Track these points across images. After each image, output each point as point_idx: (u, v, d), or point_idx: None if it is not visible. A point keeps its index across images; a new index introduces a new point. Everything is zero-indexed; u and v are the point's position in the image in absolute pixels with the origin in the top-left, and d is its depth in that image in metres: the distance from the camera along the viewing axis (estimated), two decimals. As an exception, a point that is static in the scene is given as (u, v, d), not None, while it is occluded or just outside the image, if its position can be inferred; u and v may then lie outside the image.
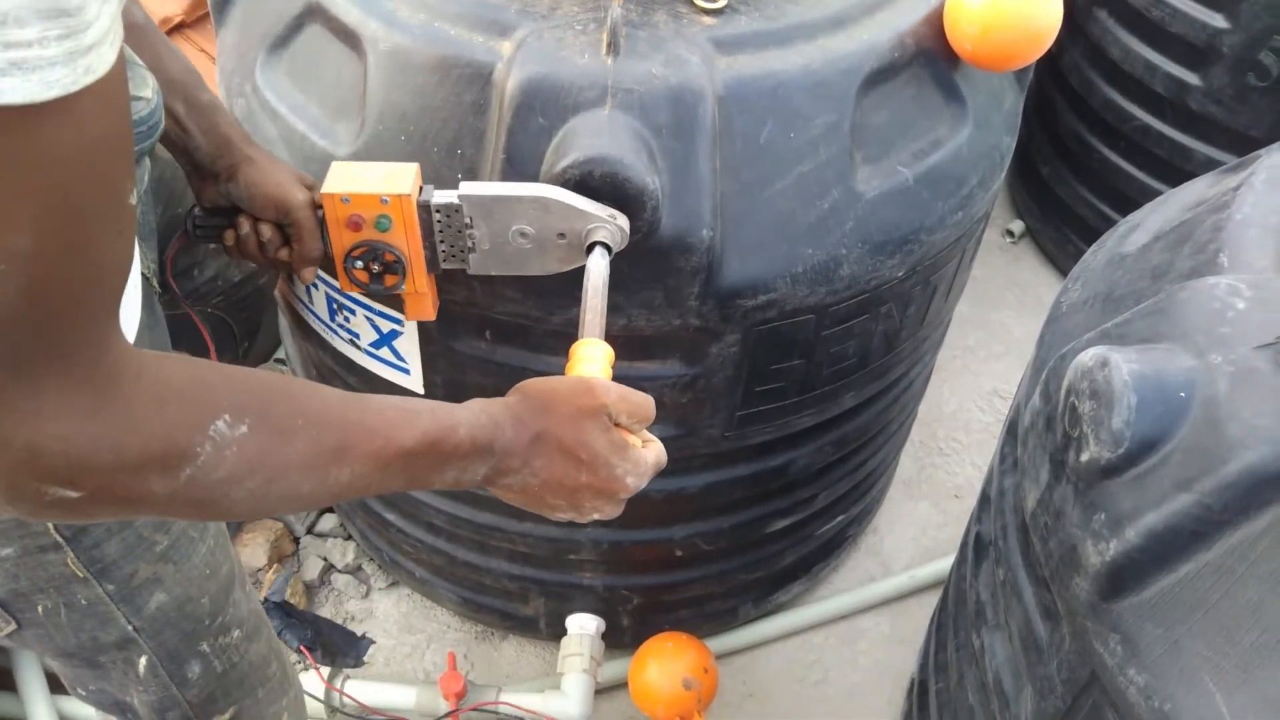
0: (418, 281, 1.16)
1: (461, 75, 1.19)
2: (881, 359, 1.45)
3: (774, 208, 1.20)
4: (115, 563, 0.97)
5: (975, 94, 1.34)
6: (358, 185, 1.10)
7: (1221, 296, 0.87)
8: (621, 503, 0.94)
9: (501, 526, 1.64)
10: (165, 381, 0.64)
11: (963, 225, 1.36)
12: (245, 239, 1.16)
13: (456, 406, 0.84)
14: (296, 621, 1.68)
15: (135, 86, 0.94)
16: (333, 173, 1.12)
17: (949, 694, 1.35)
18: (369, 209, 1.10)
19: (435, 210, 1.11)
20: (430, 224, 1.12)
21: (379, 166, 1.12)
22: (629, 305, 1.22)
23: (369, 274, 1.13)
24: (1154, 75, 2.24)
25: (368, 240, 1.11)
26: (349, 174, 1.11)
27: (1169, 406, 0.82)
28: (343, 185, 1.10)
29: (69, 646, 1.02)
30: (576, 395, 0.90)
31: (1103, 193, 2.53)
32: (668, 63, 1.16)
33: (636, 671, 1.70)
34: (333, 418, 0.75)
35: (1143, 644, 0.82)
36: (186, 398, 0.65)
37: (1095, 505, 0.87)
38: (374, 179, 1.10)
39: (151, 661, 1.05)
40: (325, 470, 0.73)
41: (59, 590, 0.95)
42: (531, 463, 0.87)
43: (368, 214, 1.10)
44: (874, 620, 2.03)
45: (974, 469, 2.30)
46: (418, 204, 1.10)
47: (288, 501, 0.73)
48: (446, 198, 1.11)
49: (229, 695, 1.14)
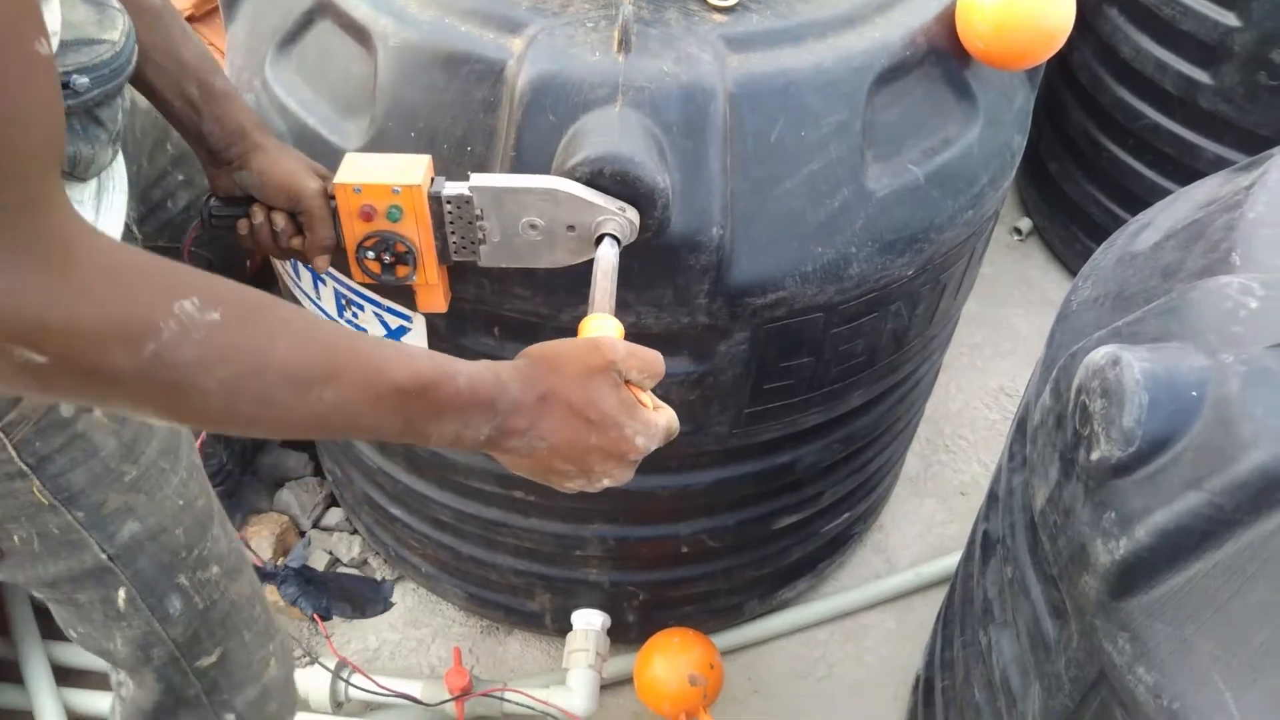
0: (429, 273, 1.16)
1: (472, 72, 1.19)
2: (890, 357, 1.45)
3: (784, 206, 1.20)
4: (83, 491, 0.97)
5: (986, 92, 1.34)
6: (370, 175, 1.10)
7: (1234, 295, 0.87)
8: (632, 465, 0.92)
9: (508, 522, 1.64)
10: (123, 258, 0.63)
11: (973, 224, 1.36)
12: (259, 228, 1.16)
13: (459, 360, 0.82)
14: (313, 589, 1.65)
15: (103, 29, 0.91)
16: (346, 163, 1.13)
17: (955, 691, 1.35)
18: (381, 199, 1.10)
19: (446, 201, 1.12)
20: (441, 215, 1.13)
21: (392, 158, 1.13)
22: (638, 303, 1.22)
23: (380, 264, 1.14)
24: (1164, 73, 2.24)
25: (379, 230, 1.12)
26: (362, 164, 1.12)
27: (1180, 405, 0.82)
28: (355, 175, 1.11)
29: (49, 576, 1.02)
30: (584, 354, 0.87)
31: (1112, 191, 2.53)
32: (679, 60, 1.16)
33: (642, 667, 1.70)
34: (320, 334, 0.72)
35: (1152, 643, 0.82)
36: (147, 274, 0.63)
37: (1105, 504, 0.87)
38: (386, 169, 1.11)
39: (130, 594, 1.05)
40: (308, 383, 0.70)
41: (30, 519, 0.96)
42: (538, 424, 0.84)
43: (379, 204, 1.11)
44: (879, 617, 2.04)
45: (980, 466, 2.30)
46: (429, 195, 1.11)
47: (265, 405, 0.68)
48: (457, 189, 1.11)
49: (213, 635, 1.14)
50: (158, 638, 1.10)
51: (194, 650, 1.13)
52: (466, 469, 1.55)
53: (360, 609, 1.69)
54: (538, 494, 1.55)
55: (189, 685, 1.15)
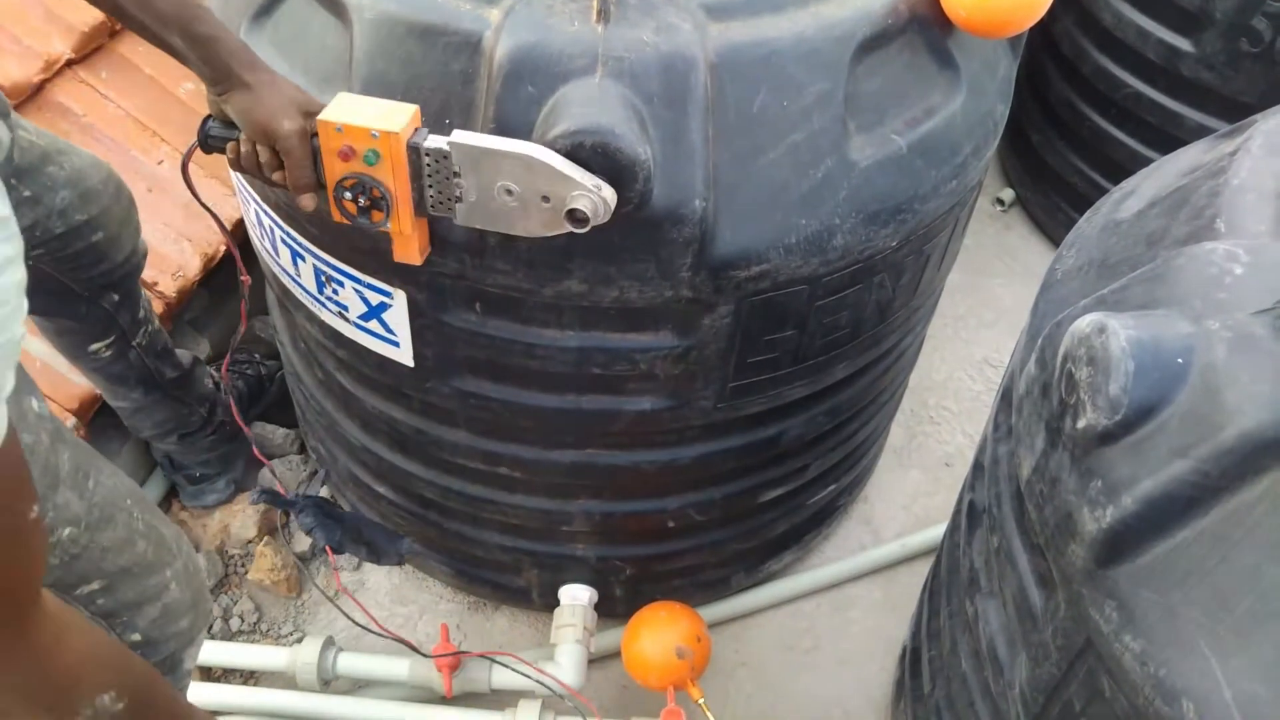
0: (403, 222, 1.16)
1: (449, 43, 1.17)
2: (874, 329, 1.45)
3: (767, 177, 1.19)
4: None
5: (969, 61, 1.33)
6: (352, 116, 1.11)
7: (1219, 262, 0.87)
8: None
9: (494, 499, 1.63)
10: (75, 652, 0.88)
11: (956, 194, 1.35)
12: (245, 156, 1.18)
13: None
14: (331, 522, 1.61)
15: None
16: (336, 101, 1.13)
17: (942, 661, 1.35)
18: (360, 141, 1.10)
19: (425, 154, 1.11)
20: (420, 166, 1.12)
21: (382, 104, 1.13)
22: (621, 277, 1.21)
23: (357, 206, 1.14)
24: (1146, 41, 2.23)
25: (357, 172, 1.12)
26: (349, 105, 1.13)
27: (1166, 373, 0.82)
28: (339, 114, 1.11)
29: None
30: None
31: (1094, 160, 2.53)
32: (659, 30, 1.15)
33: (630, 641, 1.70)
34: None
35: (1139, 610, 0.82)
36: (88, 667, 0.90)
37: (1092, 472, 0.87)
38: (370, 113, 1.11)
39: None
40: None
41: None
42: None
43: (358, 146, 1.11)
44: (865, 588, 2.04)
45: (965, 437, 2.31)
46: (408, 144, 1.11)
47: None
48: (437, 143, 1.11)
49: (87, 577, 1.15)
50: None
51: (70, 584, 1.14)
52: (452, 446, 1.54)
53: (375, 555, 1.65)
54: (524, 470, 1.55)
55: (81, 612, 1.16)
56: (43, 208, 1.39)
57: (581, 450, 1.50)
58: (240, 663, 1.80)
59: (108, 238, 1.52)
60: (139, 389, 1.78)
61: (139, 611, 1.21)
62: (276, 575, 1.93)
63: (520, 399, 1.39)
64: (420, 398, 1.45)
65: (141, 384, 1.77)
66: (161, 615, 1.24)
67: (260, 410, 2.13)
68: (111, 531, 1.16)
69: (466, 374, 1.38)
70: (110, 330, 1.66)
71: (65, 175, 1.42)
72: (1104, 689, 0.88)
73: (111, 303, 1.63)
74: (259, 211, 1.42)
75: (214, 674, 1.84)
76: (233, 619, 1.93)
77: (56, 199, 1.40)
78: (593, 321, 1.28)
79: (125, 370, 1.74)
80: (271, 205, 1.37)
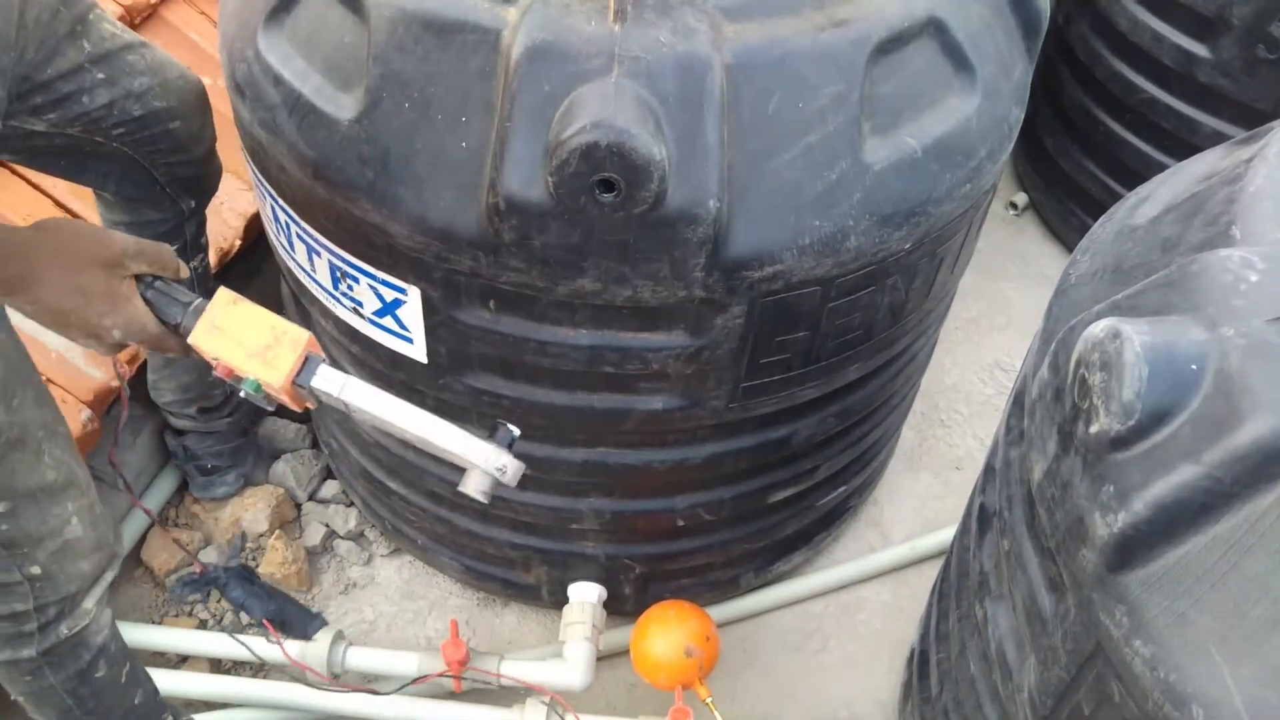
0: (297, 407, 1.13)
1: (466, 41, 1.18)
2: (886, 331, 1.45)
3: (781, 179, 1.20)
4: None
5: (985, 65, 1.33)
6: (231, 355, 1.04)
7: (1234, 269, 0.87)
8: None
9: (504, 496, 1.63)
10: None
11: (970, 197, 1.36)
12: None
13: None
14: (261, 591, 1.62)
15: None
16: (211, 312, 1.06)
17: (950, 664, 1.35)
18: (242, 374, 1.06)
19: (318, 394, 1.09)
20: (310, 393, 1.09)
21: (264, 324, 1.06)
22: (634, 276, 1.22)
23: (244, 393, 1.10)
24: (1161, 47, 2.23)
25: (241, 384, 1.08)
26: (228, 326, 1.06)
27: (1180, 379, 0.82)
28: (215, 346, 1.05)
29: None
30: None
31: (1108, 166, 2.52)
32: (675, 30, 1.15)
33: (638, 639, 1.71)
34: None
35: (1149, 616, 0.82)
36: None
37: (1104, 477, 0.87)
38: (251, 349, 1.05)
39: None
40: None
41: None
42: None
43: (241, 373, 1.06)
44: (874, 590, 2.04)
45: (975, 441, 2.30)
46: (295, 383, 1.06)
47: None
48: (328, 386, 1.07)
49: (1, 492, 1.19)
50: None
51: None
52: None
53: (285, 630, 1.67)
54: (535, 468, 1.55)
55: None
56: (119, 89, 1.44)
57: (592, 448, 1.51)
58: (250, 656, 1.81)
59: (185, 129, 1.56)
60: None
61: (39, 545, 1.25)
62: (287, 569, 1.94)
63: (532, 396, 1.40)
64: (433, 394, 1.46)
65: None
66: (61, 550, 1.27)
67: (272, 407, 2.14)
68: (22, 453, 1.20)
69: (479, 371, 1.39)
70: (176, 238, 1.70)
71: (145, 64, 1.47)
72: (1113, 693, 0.88)
73: (188, 207, 1.68)
74: (275, 207, 1.43)
75: (224, 666, 1.85)
76: (243, 612, 1.94)
77: (134, 83, 1.46)
78: (606, 320, 1.29)
79: None
80: (288, 200, 1.38)
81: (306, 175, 1.29)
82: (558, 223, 1.17)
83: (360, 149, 1.23)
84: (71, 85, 1.39)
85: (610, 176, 1.09)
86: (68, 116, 1.40)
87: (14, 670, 1.35)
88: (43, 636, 1.31)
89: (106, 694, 1.44)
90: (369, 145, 1.23)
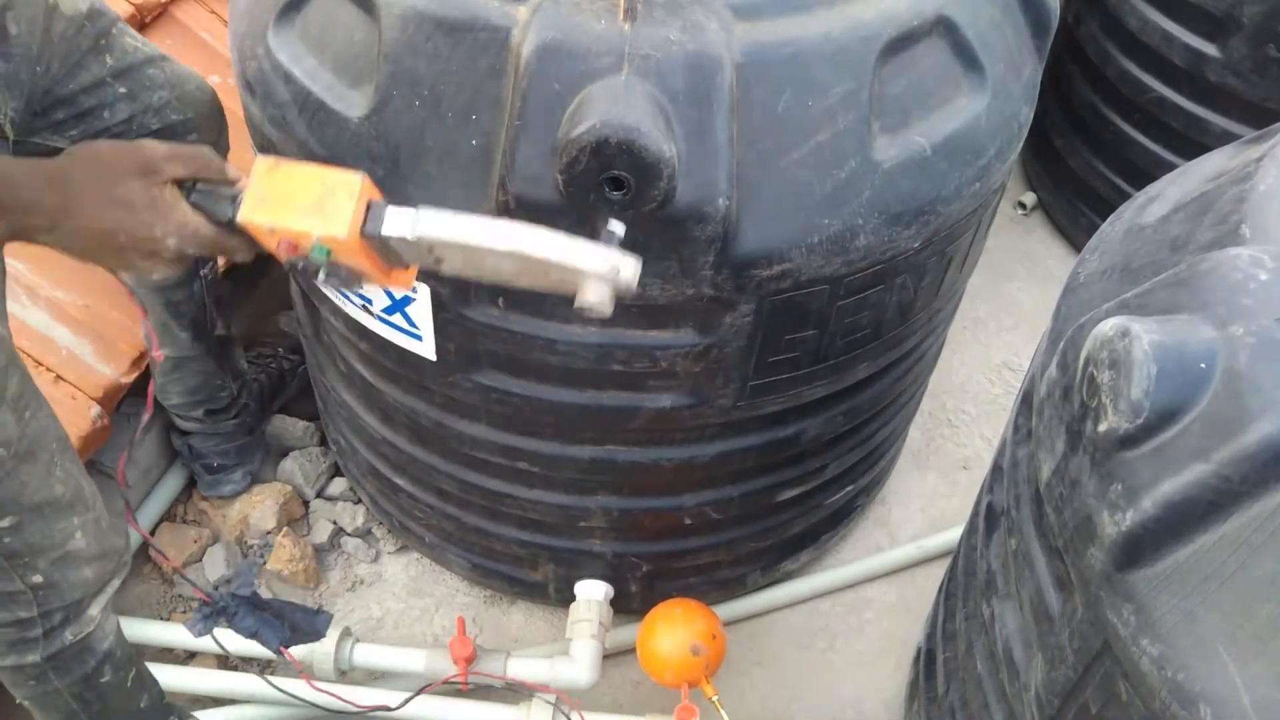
0: (384, 280, 1.01)
1: (477, 39, 1.18)
2: (895, 330, 1.45)
3: (791, 177, 1.20)
4: None
5: (994, 64, 1.33)
6: (284, 217, 0.93)
7: (1243, 268, 0.87)
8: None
9: (512, 493, 1.64)
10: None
11: (980, 196, 1.35)
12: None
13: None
14: (271, 618, 1.57)
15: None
16: (254, 184, 0.95)
17: (957, 663, 1.35)
18: (302, 240, 0.94)
19: (390, 241, 0.96)
20: (387, 246, 0.97)
21: (313, 178, 0.94)
22: (643, 274, 1.21)
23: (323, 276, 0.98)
24: (1171, 46, 2.22)
25: (309, 259, 0.96)
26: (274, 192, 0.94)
27: (1189, 377, 0.82)
28: (266, 214, 0.94)
29: None
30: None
31: (1117, 165, 2.52)
32: (685, 29, 1.15)
33: (645, 637, 1.71)
34: None
35: (1157, 615, 0.82)
36: None
37: (1112, 475, 0.87)
38: (304, 206, 0.92)
39: None
40: None
41: None
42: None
43: (301, 243, 0.94)
44: (881, 589, 2.04)
45: (983, 441, 2.30)
46: (363, 235, 0.94)
47: None
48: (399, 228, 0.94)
49: (4, 506, 1.19)
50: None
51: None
52: (472, 440, 1.55)
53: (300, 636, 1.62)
54: (542, 465, 1.56)
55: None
56: (139, 103, 1.46)
57: (600, 446, 1.51)
58: (257, 652, 1.81)
59: (202, 142, 1.55)
60: (189, 330, 1.82)
61: (41, 554, 1.25)
62: (295, 566, 1.95)
63: (541, 394, 1.40)
64: (441, 391, 1.46)
65: (193, 325, 1.82)
66: (61, 559, 1.28)
67: (280, 404, 2.15)
68: (33, 466, 1.20)
69: (488, 368, 1.39)
70: None
71: (164, 78, 1.49)
72: (1120, 692, 0.88)
73: None
74: (285, 204, 1.44)
75: (230, 663, 1.86)
76: (251, 608, 1.95)
77: (154, 97, 1.47)
78: (614, 318, 1.28)
79: (185, 299, 1.79)
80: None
81: (316, 172, 1.29)
82: (567, 220, 1.17)
83: (370, 146, 1.24)
84: (93, 100, 1.40)
85: (620, 174, 1.09)
86: (88, 131, 1.40)
87: (19, 675, 1.35)
88: (47, 642, 1.32)
89: (112, 698, 1.45)
90: (379, 143, 1.23)
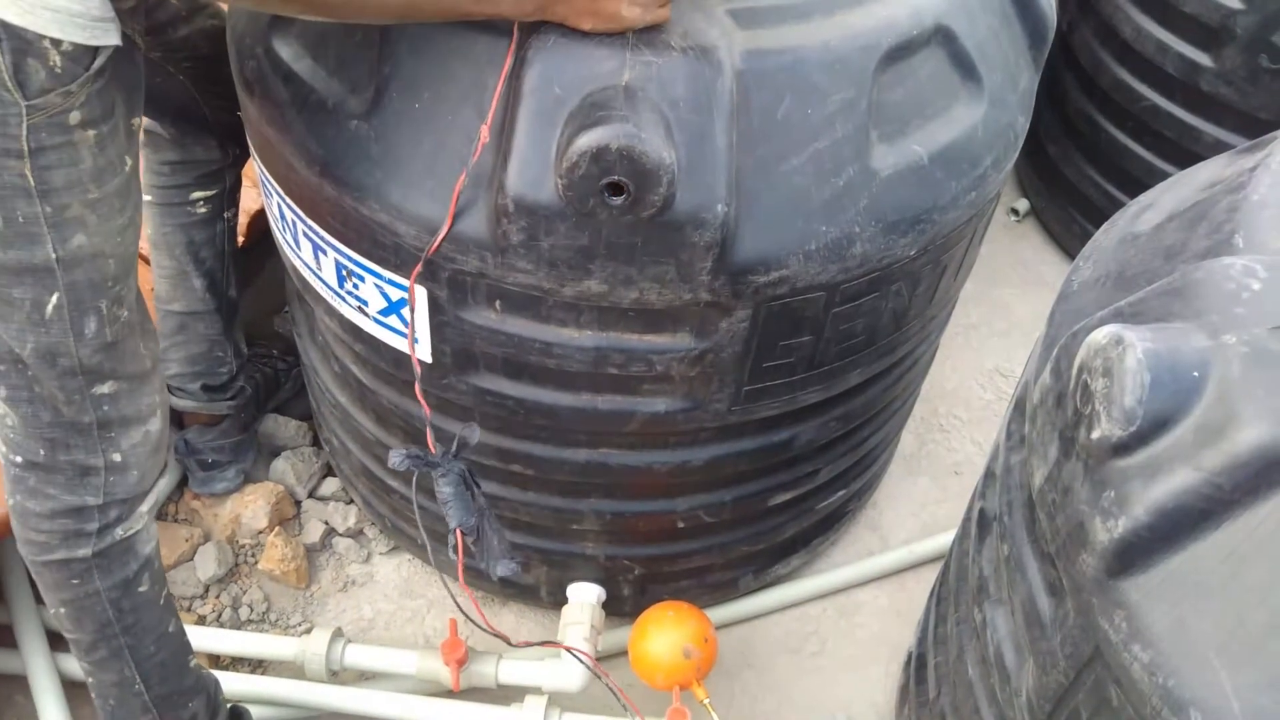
0: None
1: (477, 41, 1.19)
2: (889, 337, 1.46)
3: (789, 184, 1.20)
4: (57, 190, 1.11)
5: (991, 73, 1.34)
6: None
7: (1237, 277, 0.88)
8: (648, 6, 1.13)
9: (505, 496, 1.64)
10: None
11: (975, 205, 1.36)
12: None
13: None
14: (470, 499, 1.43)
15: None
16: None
17: (948, 667, 1.36)
18: None
19: None
20: None
21: None
22: (641, 278, 1.22)
23: None
24: (1165, 55, 2.24)
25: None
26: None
27: (1182, 385, 0.83)
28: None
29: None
30: None
31: (1110, 173, 2.53)
32: (686, 35, 1.16)
33: (637, 640, 1.71)
34: None
35: (1148, 621, 0.83)
36: None
37: (1104, 483, 0.87)
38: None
39: (60, 301, 1.17)
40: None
41: (5, 201, 1.09)
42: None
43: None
44: (872, 593, 2.05)
45: (974, 446, 2.31)
46: None
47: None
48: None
49: (114, 371, 1.25)
50: (67, 349, 1.20)
51: (92, 376, 1.24)
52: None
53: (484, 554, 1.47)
54: (536, 468, 1.56)
55: (84, 412, 1.25)
56: (194, 25, 1.55)
57: (595, 449, 1.51)
58: (249, 652, 1.82)
59: None
60: (203, 280, 1.86)
61: (127, 430, 1.30)
62: (286, 566, 1.94)
63: (536, 397, 1.40)
64: (436, 394, 1.47)
65: (208, 276, 1.87)
66: (142, 441, 1.32)
67: (274, 405, 2.15)
68: (135, 341, 1.27)
69: (483, 371, 1.40)
70: (217, 182, 1.80)
71: (215, 7, 1.56)
72: (1111, 698, 0.88)
73: (233, 155, 1.78)
74: (281, 204, 1.44)
75: (222, 662, 1.86)
76: (242, 608, 1.94)
77: (208, 23, 1.57)
78: (611, 322, 1.29)
79: (206, 242, 1.84)
80: (295, 198, 1.39)
81: (314, 173, 1.29)
82: (565, 225, 1.18)
83: (369, 148, 1.24)
84: (164, 15, 1.51)
85: (619, 180, 1.10)
86: (155, 43, 1.51)
87: (64, 572, 1.35)
88: (99, 538, 1.33)
89: (145, 612, 1.43)
90: (378, 144, 1.24)
